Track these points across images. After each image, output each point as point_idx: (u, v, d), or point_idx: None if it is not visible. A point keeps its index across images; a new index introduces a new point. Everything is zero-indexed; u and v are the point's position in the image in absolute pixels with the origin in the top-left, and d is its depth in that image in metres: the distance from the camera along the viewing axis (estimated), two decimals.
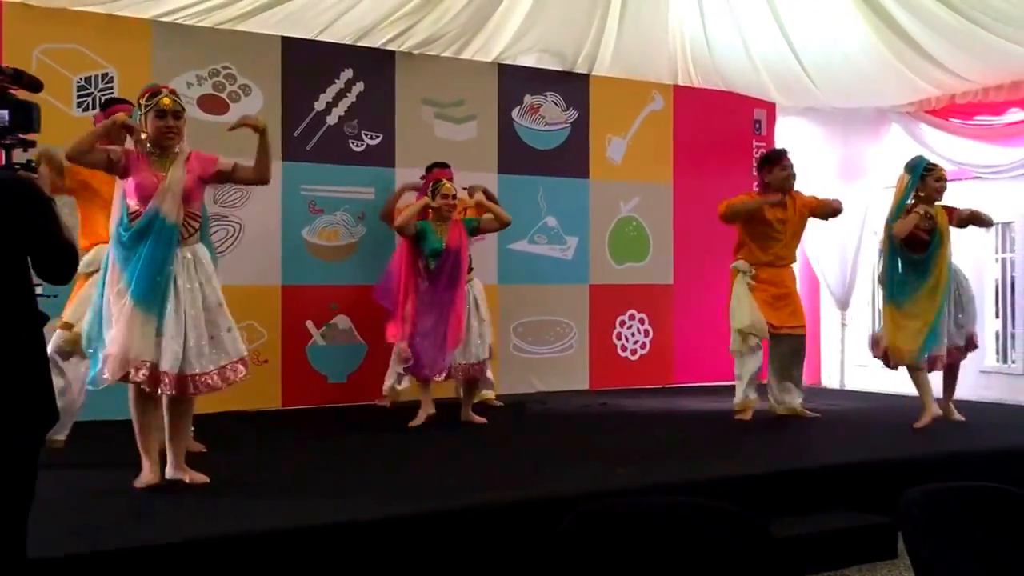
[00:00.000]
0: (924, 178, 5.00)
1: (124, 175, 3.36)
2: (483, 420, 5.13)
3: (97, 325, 3.34)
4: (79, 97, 5.20)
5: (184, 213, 3.37)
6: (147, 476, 3.38)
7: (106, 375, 3.29)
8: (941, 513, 1.50)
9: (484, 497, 3.34)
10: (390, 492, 3.42)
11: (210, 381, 3.37)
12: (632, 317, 6.96)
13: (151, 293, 3.27)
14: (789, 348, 5.28)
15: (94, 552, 2.63)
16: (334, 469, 3.95)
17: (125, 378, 3.28)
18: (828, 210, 5.31)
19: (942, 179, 5.04)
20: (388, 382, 5.52)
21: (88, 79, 5.20)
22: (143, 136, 3.36)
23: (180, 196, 3.33)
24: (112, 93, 5.21)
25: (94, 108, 5.18)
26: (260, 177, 3.57)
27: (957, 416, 5.16)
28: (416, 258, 4.97)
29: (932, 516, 1.48)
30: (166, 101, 3.35)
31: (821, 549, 3.49)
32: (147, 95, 3.40)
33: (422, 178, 5.48)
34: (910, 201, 5.01)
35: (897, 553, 3.57)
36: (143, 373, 3.25)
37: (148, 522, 2.97)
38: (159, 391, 3.31)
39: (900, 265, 5.03)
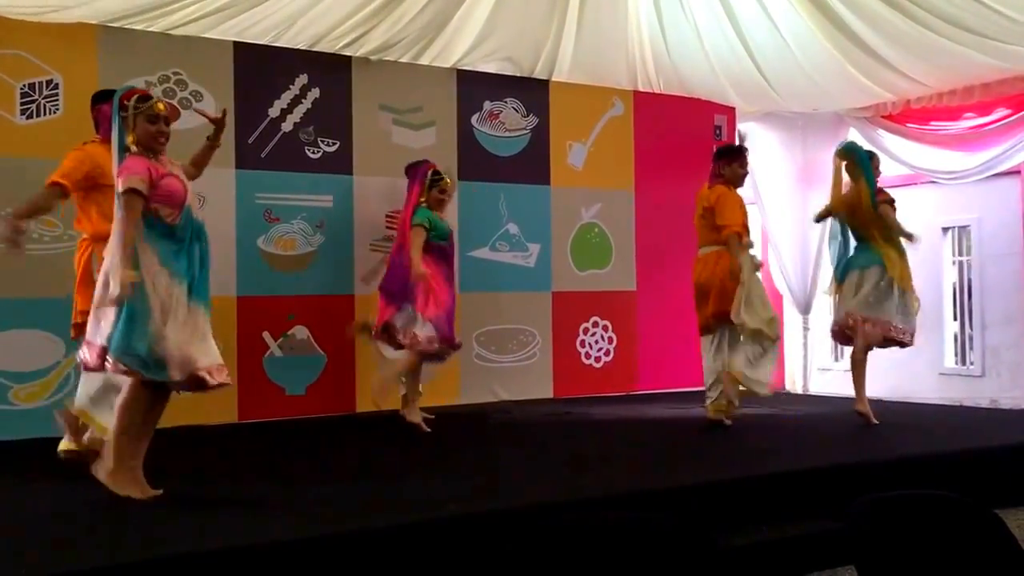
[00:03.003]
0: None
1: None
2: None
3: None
4: (23, 104, 5.04)
5: None
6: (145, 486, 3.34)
7: (178, 376, 3.23)
8: (888, 522, 1.47)
9: (445, 511, 3.24)
10: (347, 507, 3.33)
11: None
12: (596, 324, 6.92)
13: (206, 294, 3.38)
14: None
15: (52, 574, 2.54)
16: (292, 484, 3.83)
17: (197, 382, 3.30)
18: None
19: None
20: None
21: (32, 85, 5.05)
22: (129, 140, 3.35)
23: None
24: (57, 100, 5.07)
25: (39, 115, 5.06)
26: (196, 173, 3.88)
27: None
28: (431, 247, 5.15)
29: (879, 525, 1.45)
30: (160, 106, 3.39)
31: (779, 556, 3.46)
32: (135, 97, 3.37)
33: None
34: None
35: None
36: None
37: (98, 542, 2.86)
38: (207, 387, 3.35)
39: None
